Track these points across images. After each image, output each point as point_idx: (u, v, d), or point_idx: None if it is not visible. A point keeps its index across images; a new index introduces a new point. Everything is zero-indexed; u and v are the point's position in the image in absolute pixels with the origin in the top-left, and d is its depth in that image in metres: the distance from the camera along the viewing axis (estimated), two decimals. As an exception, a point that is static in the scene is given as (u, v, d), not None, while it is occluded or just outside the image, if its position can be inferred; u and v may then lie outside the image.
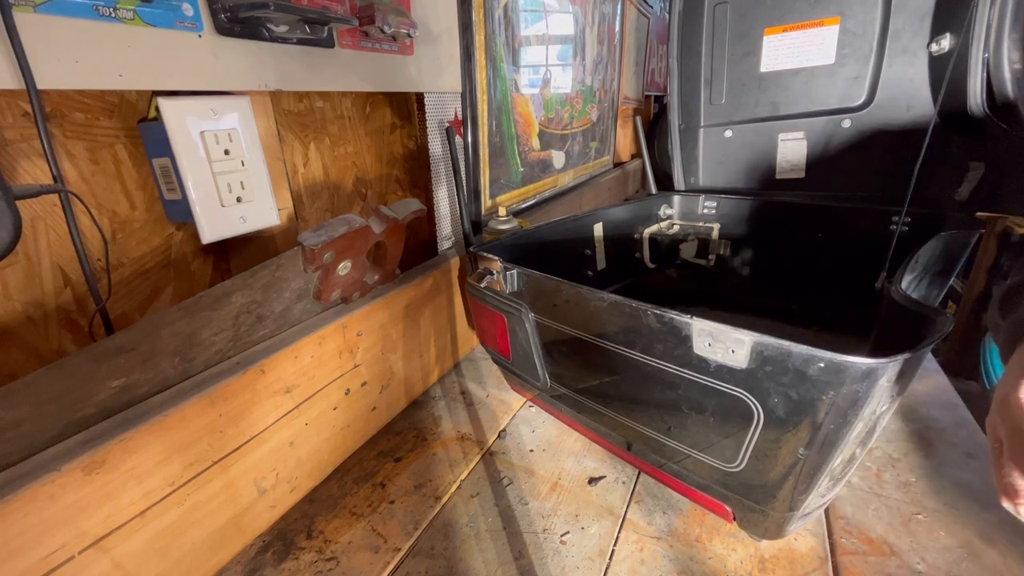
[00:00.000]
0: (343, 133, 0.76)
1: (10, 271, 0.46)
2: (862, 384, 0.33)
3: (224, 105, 0.53)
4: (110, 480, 0.37)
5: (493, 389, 0.76)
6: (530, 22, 0.92)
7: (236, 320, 0.49)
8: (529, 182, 1.02)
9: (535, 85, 0.98)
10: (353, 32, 0.66)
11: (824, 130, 0.85)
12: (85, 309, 0.51)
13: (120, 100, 0.52)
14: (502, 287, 0.57)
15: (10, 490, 0.32)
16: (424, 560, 0.48)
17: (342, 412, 0.59)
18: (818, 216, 0.83)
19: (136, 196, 0.54)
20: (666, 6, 1.98)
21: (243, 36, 0.53)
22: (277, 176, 0.61)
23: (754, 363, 0.37)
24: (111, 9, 0.43)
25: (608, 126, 1.48)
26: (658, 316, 0.41)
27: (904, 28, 0.74)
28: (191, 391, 0.43)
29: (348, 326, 0.58)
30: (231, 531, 0.47)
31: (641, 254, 0.97)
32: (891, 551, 0.47)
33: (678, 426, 0.45)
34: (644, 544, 0.49)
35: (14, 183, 0.45)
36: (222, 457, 0.45)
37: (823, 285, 0.83)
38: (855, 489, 0.55)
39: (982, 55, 0.64)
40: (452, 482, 0.57)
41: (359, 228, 0.56)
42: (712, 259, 0.95)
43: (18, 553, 0.33)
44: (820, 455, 0.37)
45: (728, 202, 0.92)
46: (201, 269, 0.62)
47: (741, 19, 0.87)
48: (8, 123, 0.44)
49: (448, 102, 0.87)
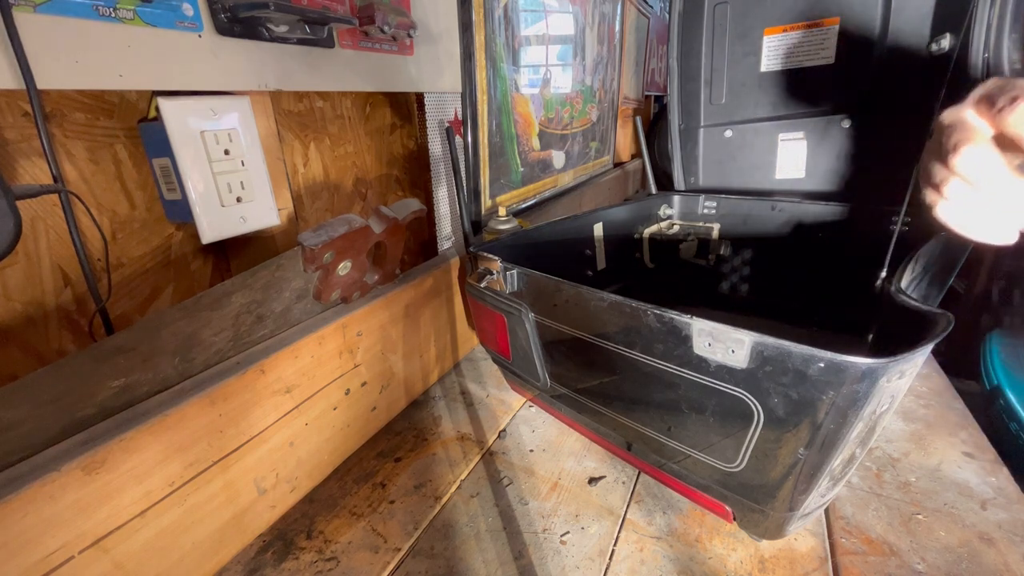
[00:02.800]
0: (343, 133, 0.76)
1: (10, 271, 0.46)
2: (862, 384, 0.33)
3: (224, 105, 0.53)
4: (110, 480, 0.37)
5: (493, 389, 0.76)
6: (530, 22, 0.92)
7: (236, 320, 0.49)
8: (529, 182, 1.02)
9: (535, 85, 0.98)
10: (353, 32, 0.66)
11: (824, 130, 0.85)
12: (85, 309, 0.51)
13: (120, 100, 0.52)
14: (502, 287, 0.57)
15: (10, 490, 0.32)
16: (424, 560, 0.48)
17: (342, 412, 0.59)
18: (818, 216, 0.83)
19: (136, 196, 0.54)
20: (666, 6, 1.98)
21: (243, 36, 0.53)
22: (277, 176, 0.61)
23: (754, 363, 0.37)
24: (111, 9, 0.43)
25: (608, 126, 1.48)
26: (658, 316, 0.41)
27: (904, 28, 0.74)
28: (191, 391, 0.43)
29: (348, 326, 0.58)
30: (231, 531, 0.47)
31: (641, 254, 0.97)
32: (891, 551, 0.47)
33: (678, 426, 0.45)
34: (644, 544, 0.49)
35: (14, 183, 0.45)
36: (222, 457, 0.45)
37: (823, 285, 0.83)
38: (855, 489, 0.55)
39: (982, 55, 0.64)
40: (452, 482, 0.57)
41: (359, 228, 0.56)
42: (712, 259, 0.95)
43: (18, 553, 0.33)
44: (820, 455, 0.37)
45: (728, 202, 0.92)
46: (201, 269, 0.62)
47: (741, 19, 0.87)
48: (8, 123, 0.44)
49: (448, 102, 0.87)
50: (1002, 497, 0.52)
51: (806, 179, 0.89)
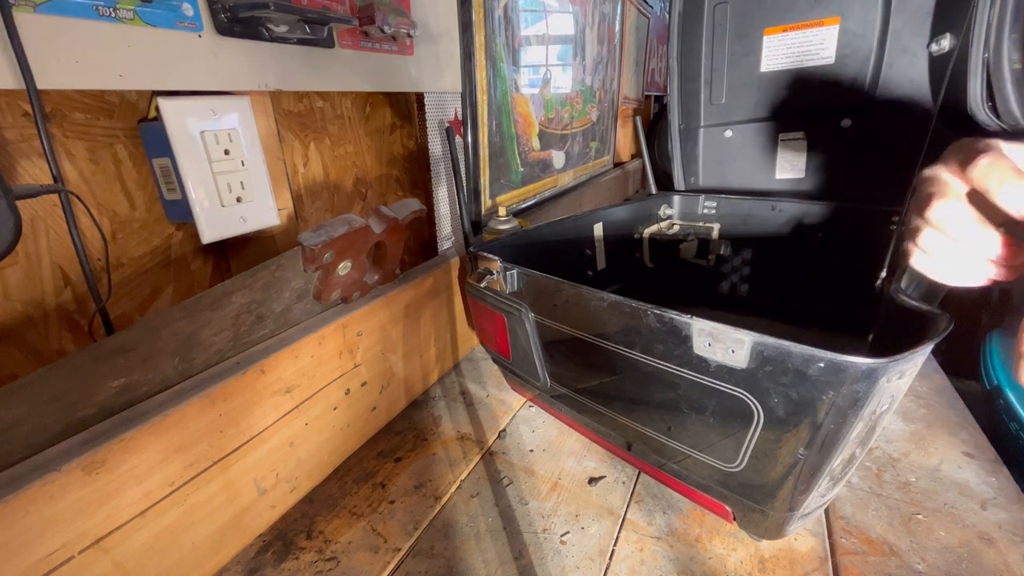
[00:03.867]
0: (343, 133, 0.76)
1: (10, 271, 0.46)
2: (862, 384, 0.33)
3: (224, 105, 0.53)
4: (110, 480, 0.37)
5: (493, 389, 0.76)
6: (530, 22, 0.92)
7: (236, 320, 0.49)
8: (529, 182, 1.02)
9: (535, 85, 0.98)
10: (353, 32, 0.66)
11: (824, 130, 0.85)
12: (85, 309, 0.51)
13: (120, 100, 0.52)
14: (502, 287, 0.57)
15: (10, 490, 0.32)
16: (424, 560, 0.48)
17: (342, 412, 0.59)
18: (818, 216, 0.83)
19: (136, 196, 0.54)
20: (666, 6, 1.98)
21: (243, 36, 0.53)
22: (277, 176, 0.61)
23: (754, 363, 0.37)
24: (111, 9, 0.43)
25: (608, 126, 1.48)
26: (658, 316, 0.41)
27: (904, 28, 0.74)
28: (191, 391, 0.43)
29: (348, 326, 0.58)
30: (231, 531, 0.47)
31: (641, 254, 0.97)
32: (891, 551, 0.47)
33: (678, 426, 0.45)
34: (644, 544, 0.49)
35: (14, 183, 0.45)
36: (222, 457, 0.45)
37: (823, 285, 0.83)
38: (855, 489, 0.55)
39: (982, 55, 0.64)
40: (452, 482, 0.57)
41: (359, 228, 0.56)
42: (712, 259, 0.95)
43: (18, 553, 0.33)
44: (820, 455, 0.37)
45: (728, 202, 0.92)
46: (201, 269, 0.62)
47: (741, 19, 0.87)
48: (8, 123, 0.44)
49: (448, 102, 0.87)
50: (1002, 497, 0.52)
51: (806, 179, 0.89)
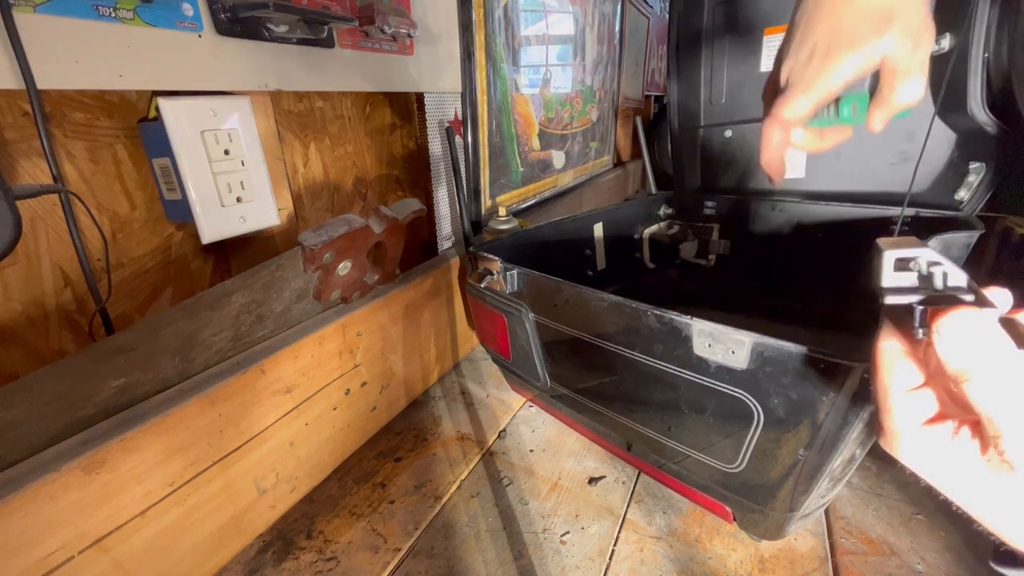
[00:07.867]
0: (343, 133, 0.76)
1: (10, 271, 0.46)
2: (862, 385, 0.33)
3: (224, 105, 0.53)
4: (110, 480, 0.37)
5: (493, 389, 0.76)
6: (530, 22, 0.92)
7: (236, 320, 0.49)
8: (529, 182, 1.02)
9: (535, 85, 0.98)
10: (353, 32, 0.66)
11: (824, 130, 0.85)
12: (85, 309, 0.51)
13: (120, 100, 0.52)
14: (502, 287, 0.57)
15: (10, 490, 0.32)
16: (424, 560, 0.48)
17: (342, 412, 0.59)
18: (818, 216, 0.83)
19: (136, 196, 0.54)
20: (666, 6, 1.98)
21: (243, 36, 0.53)
22: (277, 176, 0.61)
23: (754, 364, 0.37)
24: (111, 9, 0.43)
25: (608, 126, 1.48)
26: (658, 317, 0.41)
27: (904, 28, 0.74)
28: (191, 391, 0.43)
29: (348, 326, 0.58)
30: (231, 531, 0.47)
31: (641, 254, 0.97)
32: (891, 551, 0.47)
33: (678, 426, 0.45)
34: (644, 544, 0.49)
35: (14, 183, 0.45)
36: (222, 457, 0.45)
37: (823, 285, 0.83)
38: (855, 489, 0.55)
39: (982, 55, 0.64)
40: (452, 482, 0.57)
41: (359, 228, 0.56)
42: (712, 259, 0.95)
43: (18, 553, 0.33)
44: (820, 455, 0.37)
45: (728, 202, 0.92)
46: (201, 269, 0.62)
47: (741, 19, 0.87)
48: (8, 123, 0.44)
49: (448, 102, 0.87)
50: (1002, 497, 0.52)
51: (806, 179, 0.89)
